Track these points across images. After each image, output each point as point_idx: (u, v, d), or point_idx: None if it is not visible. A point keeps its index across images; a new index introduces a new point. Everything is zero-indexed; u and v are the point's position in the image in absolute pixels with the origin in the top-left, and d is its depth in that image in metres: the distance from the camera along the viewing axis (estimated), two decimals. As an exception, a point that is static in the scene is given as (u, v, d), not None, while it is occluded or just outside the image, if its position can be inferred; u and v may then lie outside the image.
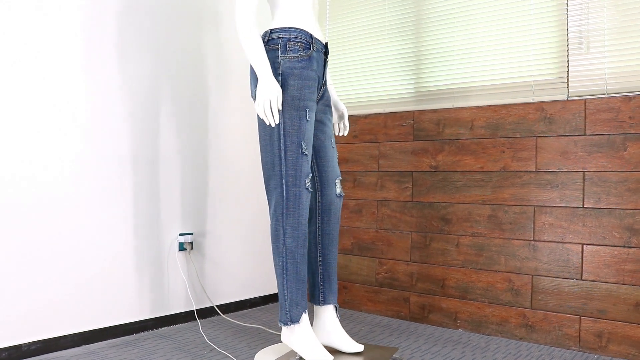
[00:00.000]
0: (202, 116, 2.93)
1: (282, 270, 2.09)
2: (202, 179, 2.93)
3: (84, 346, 2.41)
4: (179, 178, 2.81)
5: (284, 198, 2.07)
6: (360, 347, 2.20)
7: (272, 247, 2.13)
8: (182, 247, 2.81)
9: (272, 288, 3.35)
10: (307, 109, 2.05)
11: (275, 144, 2.07)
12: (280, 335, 2.63)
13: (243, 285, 3.16)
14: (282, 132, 2.05)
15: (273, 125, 1.99)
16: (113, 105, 2.54)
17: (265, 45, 2.09)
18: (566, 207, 2.52)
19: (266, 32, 2.11)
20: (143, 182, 2.65)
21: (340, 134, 2.42)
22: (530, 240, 2.61)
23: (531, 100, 2.65)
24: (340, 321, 2.93)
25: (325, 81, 2.22)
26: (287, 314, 2.10)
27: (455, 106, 2.88)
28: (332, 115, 2.28)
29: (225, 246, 3.06)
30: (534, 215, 2.60)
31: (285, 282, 2.09)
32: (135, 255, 2.62)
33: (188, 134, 2.85)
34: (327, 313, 2.25)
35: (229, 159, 3.07)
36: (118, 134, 2.55)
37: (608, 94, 2.45)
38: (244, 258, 3.17)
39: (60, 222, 2.35)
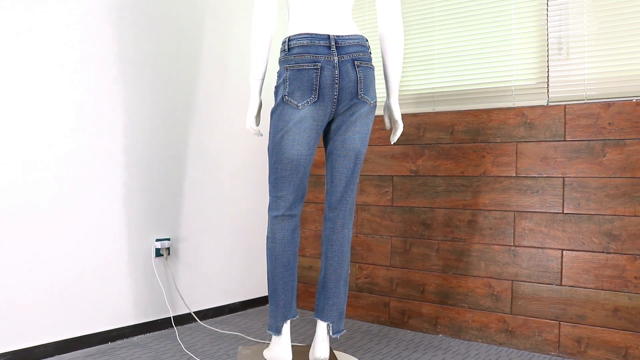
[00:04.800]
0: (179, 120, 2.87)
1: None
2: (179, 183, 2.88)
3: (57, 356, 2.35)
4: (155, 183, 2.76)
5: None
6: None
7: (349, 254, 2.15)
8: (158, 253, 2.75)
9: (251, 293, 3.31)
10: None
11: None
12: (261, 342, 2.60)
13: (221, 291, 3.12)
14: None
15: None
16: (83, 110, 2.47)
17: (368, 51, 2.08)
18: (546, 212, 2.52)
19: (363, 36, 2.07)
20: (118, 187, 2.59)
21: None
22: (511, 245, 2.61)
23: (511, 105, 2.65)
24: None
25: None
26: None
27: (435, 110, 2.87)
28: None
29: (203, 251, 3.01)
30: (514, 221, 2.60)
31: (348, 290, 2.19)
32: (110, 261, 2.56)
33: (164, 138, 2.80)
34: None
35: (207, 163, 3.03)
36: (91, 138, 2.49)
37: (587, 99, 2.46)
38: (222, 263, 3.13)
39: (33, 229, 2.29)
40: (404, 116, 2.94)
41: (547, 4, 2.56)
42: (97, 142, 2.51)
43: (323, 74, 1.96)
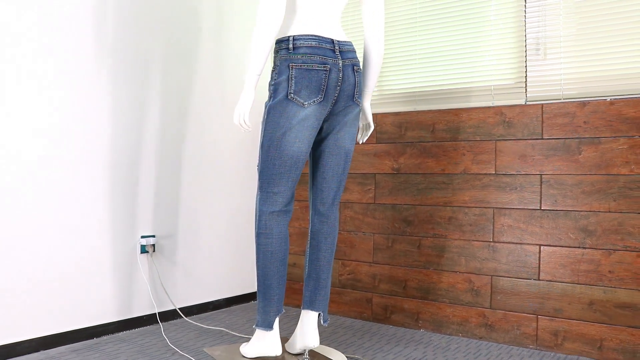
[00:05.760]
0: (165, 117, 2.90)
1: None
2: (165, 181, 2.90)
3: (43, 351, 2.36)
4: (140, 180, 2.78)
5: None
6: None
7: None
8: (144, 250, 2.77)
9: (235, 290, 3.34)
10: None
11: None
12: (245, 337, 2.63)
13: (206, 288, 3.15)
14: None
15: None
16: (69, 107, 2.49)
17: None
18: (524, 209, 2.58)
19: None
20: (103, 184, 2.61)
21: None
22: (490, 241, 2.67)
23: (491, 105, 2.71)
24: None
25: None
26: None
27: (417, 109, 2.92)
28: None
29: (188, 249, 3.04)
30: (494, 217, 2.66)
31: None
32: (95, 258, 2.58)
33: (150, 135, 2.82)
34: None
35: (192, 161, 3.05)
36: (76, 135, 2.51)
37: (564, 99, 2.53)
38: (207, 260, 3.15)
39: (17, 225, 2.30)
40: (385, 115, 2.99)
41: (525, 6, 2.63)
42: (83, 139, 2.53)
43: (330, 76, 2.05)
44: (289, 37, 2.05)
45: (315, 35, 2.05)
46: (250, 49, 2.01)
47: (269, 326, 2.14)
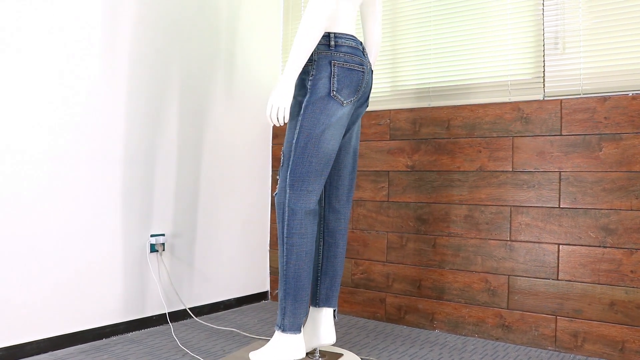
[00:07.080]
0: (176, 116, 2.86)
1: None
2: (175, 179, 2.86)
3: (51, 352, 2.33)
4: (150, 178, 2.74)
5: None
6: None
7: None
8: (153, 249, 2.73)
9: (246, 290, 3.29)
10: None
11: None
12: (256, 338, 2.58)
13: (216, 287, 3.10)
14: None
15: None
16: (80, 105, 2.45)
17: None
18: (542, 207, 2.52)
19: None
20: (113, 182, 2.57)
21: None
22: (507, 240, 2.60)
23: (507, 100, 2.65)
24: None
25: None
26: None
27: (431, 105, 2.86)
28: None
29: (198, 248, 2.99)
30: (511, 215, 2.60)
31: None
32: (105, 257, 2.54)
33: (160, 134, 2.78)
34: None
35: (203, 159, 3.01)
36: (86, 134, 2.47)
37: (583, 94, 2.46)
38: (217, 259, 3.11)
39: (26, 225, 2.26)
40: (399, 111, 2.93)
41: (543, -2, 2.56)
42: (93, 138, 2.49)
43: (364, 77, 2.08)
44: (329, 33, 2.01)
45: (353, 36, 2.06)
46: (297, 42, 1.90)
47: (298, 329, 2.02)
